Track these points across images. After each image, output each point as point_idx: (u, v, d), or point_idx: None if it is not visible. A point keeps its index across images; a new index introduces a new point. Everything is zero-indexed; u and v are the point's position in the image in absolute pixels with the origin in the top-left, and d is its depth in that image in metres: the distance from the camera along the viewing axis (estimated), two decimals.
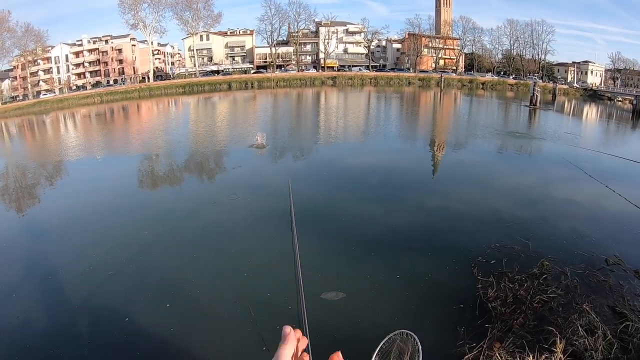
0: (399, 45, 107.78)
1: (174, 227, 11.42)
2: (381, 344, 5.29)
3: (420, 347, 4.88)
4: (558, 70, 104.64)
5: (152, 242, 10.44)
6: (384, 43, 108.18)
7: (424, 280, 8.35)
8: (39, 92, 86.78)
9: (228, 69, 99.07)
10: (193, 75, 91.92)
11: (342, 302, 7.58)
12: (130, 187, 15.87)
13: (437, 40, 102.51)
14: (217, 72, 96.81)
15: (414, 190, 14.82)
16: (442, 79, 78.69)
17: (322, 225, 11.31)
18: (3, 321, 7.38)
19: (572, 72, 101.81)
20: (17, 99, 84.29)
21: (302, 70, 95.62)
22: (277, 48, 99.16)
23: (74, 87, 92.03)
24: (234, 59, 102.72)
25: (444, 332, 6.59)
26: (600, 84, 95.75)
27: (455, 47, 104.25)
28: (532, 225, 10.96)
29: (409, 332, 5.16)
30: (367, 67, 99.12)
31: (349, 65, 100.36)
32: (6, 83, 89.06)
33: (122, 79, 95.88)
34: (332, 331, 6.78)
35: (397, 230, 11.02)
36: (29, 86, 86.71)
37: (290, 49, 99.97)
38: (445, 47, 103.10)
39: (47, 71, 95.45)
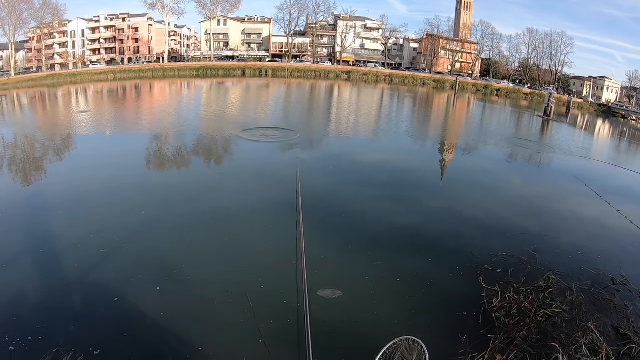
0: (416, 45, 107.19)
1: (176, 210, 11.36)
2: (384, 349, 5.20)
3: (427, 356, 4.78)
4: (574, 83, 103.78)
5: (151, 224, 10.34)
6: (401, 41, 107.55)
7: (427, 285, 8.22)
8: (53, 65, 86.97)
9: (243, 55, 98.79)
10: (208, 59, 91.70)
11: (339, 301, 7.44)
12: (136, 166, 15.81)
13: (455, 43, 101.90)
14: (232, 57, 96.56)
15: (421, 191, 14.69)
16: (457, 82, 78.06)
17: (325, 219, 11.20)
18: None
19: (588, 86, 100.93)
20: (31, 70, 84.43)
21: (318, 63, 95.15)
22: (293, 38, 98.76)
23: (89, 63, 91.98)
24: (249, 46, 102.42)
25: (445, 339, 6.46)
26: (616, 100, 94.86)
27: (473, 52, 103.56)
28: (539, 238, 10.79)
29: (416, 339, 5.07)
30: (383, 65, 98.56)
31: (365, 61, 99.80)
32: (21, 54, 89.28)
33: (136, 57, 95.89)
34: (329, 330, 6.67)
35: (401, 230, 10.89)
36: (44, 59, 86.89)
37: (307, 40, 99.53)
38: (462, 50, 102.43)
39: (63, 45, 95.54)
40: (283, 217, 11.07)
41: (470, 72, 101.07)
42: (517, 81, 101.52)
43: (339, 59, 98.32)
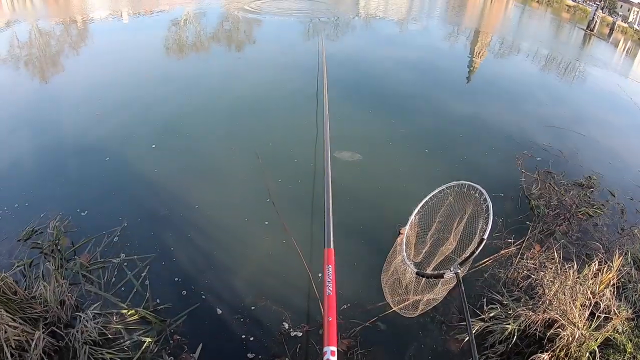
0: None
1: (187, 82, 10.11)
2: (426, 199, 4.13)
3: (490, 205, 3.71)
4: (621, 6, 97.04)
5: (162, 96, 9.12)
6: None
7: (458, 160, 7.28)
8: None
9: None
10: None
11: (359, 164, 6.68)
12: (153, 49, 13.39)
13: None
14: None
15: (456, 81, 13.21)
16: None
17: (349, 89, 10.21)
18: None
19: (636, 12, 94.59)
20: None
21: None
22: None
23: None
24: None
25: None
26: None
27: None
28: (579, 137, 9.68)
29: (472, 184, 3.98)
30: None
31: None
32: None
33: None
34: (346, 191, 5.91)
35: (435, 105, 9.97)
36: None
37: None
38: None
39: None
40: (305, 80, 10.20)
41: None
42: None
43: None
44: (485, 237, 3.48)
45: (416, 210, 4.29)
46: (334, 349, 2.67)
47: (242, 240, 5.02)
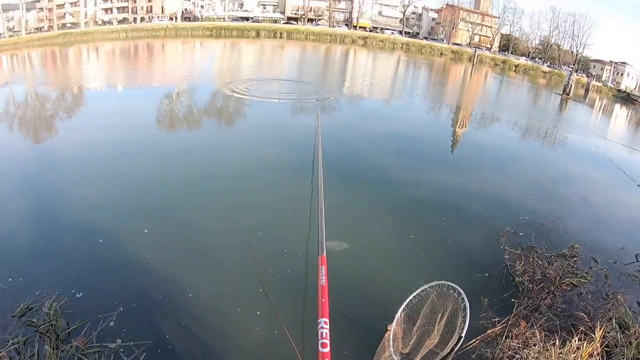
0: (435, 15, 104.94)
1: (180, 162, 10.75)
2: (410, 297, 4.60)
3: (467, 305, 4.16)
4: (594, 66, 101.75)
5: (151, 177, 9.71)
6: (420, 10, 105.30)
7: (444, 243, 7.64)
8: (64, 25, 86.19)
9: (258, 17, 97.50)
10: (222, 20, 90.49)
11: (346, 253, 6.91)
12: (146, 122, 14.72)
13: (475, 15, 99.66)
14: (247, 19, 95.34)
15: (436, 155, 13.99)
16: (476, 55, 76.19)
17: (338, 175, 10.57)
18: None
19: (608, 70, 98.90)
20: (42, 30, 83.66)
21: (334, 27, 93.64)
22: (310, 1, 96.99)
23: (100, 22, 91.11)
24: (265, 8, 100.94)
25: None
26: (635, 88, 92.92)
27: (493, 25, 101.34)
28: (561, 206, 10.20)
29: (452, 284, 4.44)
30: (400, 32, 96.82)
31: (382, 28, 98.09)
32: (32, 14, 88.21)
33: (149, 17, 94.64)
34: (336, 281, 6.07)
35: (419, 189, 10.34)
36: (55, 18, 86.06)
37: (324, 4, 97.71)
38: (482, 23, 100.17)
39: (74, 4, 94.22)
40: (297, 171, 10.55)
41: (489, 46, 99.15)
42: (536, 59, 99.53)
43: (355, 24, 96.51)
44: (463, 335, 3.92)
45: (402, 308, 4.72)
46: None
47: (235, 329, 5.21)
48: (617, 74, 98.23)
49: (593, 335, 4.91)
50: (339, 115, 17.64)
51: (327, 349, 3.60)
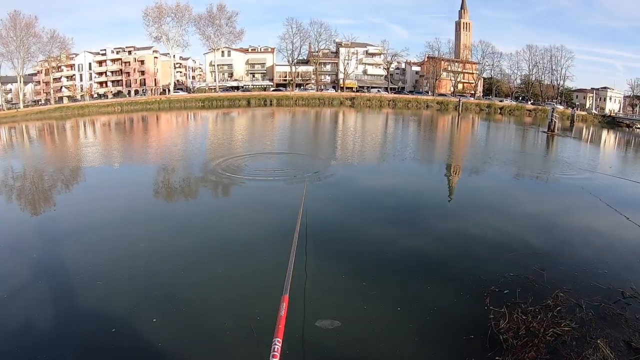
0: (418, 68, 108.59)
1: (177, 241, 11.43)
2: None
3: None
4: (577, 96, 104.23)
5: (150, 256, 10.43)
6: (403, 65, 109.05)
7: (431, 311, 8.12)
8: (61, 98, 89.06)
9: (248, 85, 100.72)
10: (213, 90, 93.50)
11: (338, 331, 7.29)
12: (142, 198, 16.01)
13: (456, 64, 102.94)
14: (237, 88, 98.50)
15: (425, 214, 14.69)
16: (460, 103, 78.52)
17: (325, 246, 11.21)
18: None
19: (591, 98, 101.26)
20: (39, 103, 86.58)
21: (321, 90, 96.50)
22: (297, 67, 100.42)
23: (96, 95, 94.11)
24: (254, 76, 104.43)
25: None
26: (619, 110, 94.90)
27: (474, 72, 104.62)
28: (547, 255, 10.75)
29: None
30: (386, 89, 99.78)
31: (368, 87, 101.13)
32: (29, 87, 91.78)
33: (143, 89, 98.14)
34: None
35: (404, 255, 10.85)
36: (52, 91, 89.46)
37: (310, 68, 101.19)
38: (464, 71, 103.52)
39: (70, 78, 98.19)
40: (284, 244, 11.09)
41: (472, 92, 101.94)
42: (520, 98, 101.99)
43: (342, 85, 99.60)
44: None
45: None
46: None
47: None
48: (600, 99, 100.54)
49: None
50: (327, 186, 18.01)
51: None
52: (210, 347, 6.99)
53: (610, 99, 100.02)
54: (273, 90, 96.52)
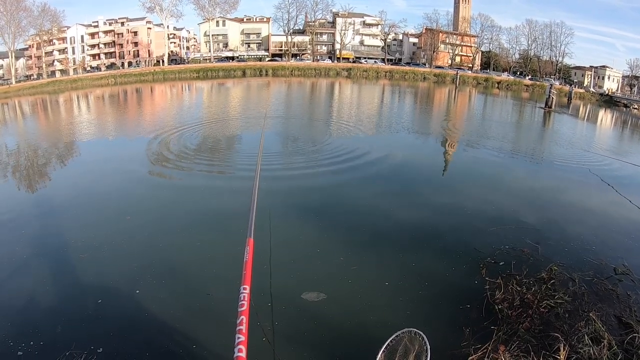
0: (415, 40, 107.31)
1: (165, 213, 11.56)
2: (388, 341, 5.30)
3: (428, 347, 4.88)
4: (575, 73, 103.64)
5: (154, 229, 10.49)
6: (400, 37, 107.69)
7: (427, 280, 8.21)
8: (53, 72, 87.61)
9: (243, 55, 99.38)
10: (208, 61, 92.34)
11: (326, 303, 7.35)
12: (136, 171, 15.79)
13: (454, 36, 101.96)
14: (232, 58, 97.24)
15: (421, 186, 14.76)
16: (458, 76, 77.96)
17: (321, 211, 11.36)
18: None
19: (589, 76, 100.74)
20: (32, 77, 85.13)
21: (317, 61, 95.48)
22: (293, 37, 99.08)
23: (89, 68, 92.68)
24: (249, 46, 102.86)
25: (447, 332, 6.54)
26: (617, 90, 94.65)
27: (472, 45, 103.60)
28: (542, 229, 10.85)
29: (417, 331, 5.16)
30: (383, 60, 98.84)
31: (365, 57, 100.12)
32: (21, 62, 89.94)
33: (136, 61, 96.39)
34: (316, 330, 6.72)
35: (399, 225, 10.93)
36: (44, 65, 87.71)
37: (306, 39, 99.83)
38: (462, 44, 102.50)
39: (62, 51, 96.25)
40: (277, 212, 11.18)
41: (470, 65, 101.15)
42: (518, 73, 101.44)
43: (338, 56, 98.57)
44: None
45: (380, 354, 5.39)
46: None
47: None
48: (599, 78, 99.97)
49: (558, 356, 5.52)
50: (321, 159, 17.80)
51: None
52: (193, 307, 7.18)
53: (609, 77, 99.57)
54: (269, 61, 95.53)
